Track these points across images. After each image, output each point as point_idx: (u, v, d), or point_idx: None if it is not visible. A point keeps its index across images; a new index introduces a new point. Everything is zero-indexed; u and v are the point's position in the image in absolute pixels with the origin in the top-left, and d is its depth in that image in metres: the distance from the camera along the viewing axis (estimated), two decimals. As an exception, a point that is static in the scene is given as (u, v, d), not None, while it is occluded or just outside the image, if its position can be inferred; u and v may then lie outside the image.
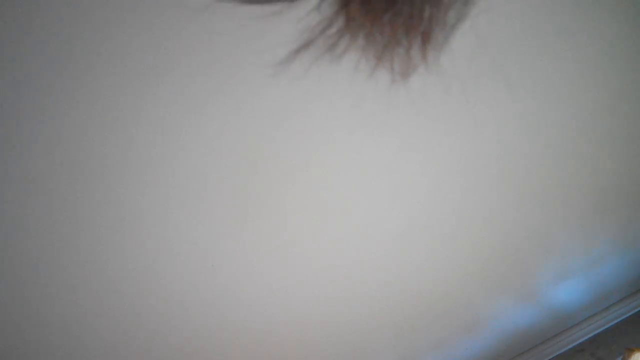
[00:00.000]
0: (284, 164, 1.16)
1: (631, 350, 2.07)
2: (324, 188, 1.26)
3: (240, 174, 1.13)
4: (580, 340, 2.69)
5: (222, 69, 0.94)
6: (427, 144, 1.30)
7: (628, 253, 2.36)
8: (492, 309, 2.14)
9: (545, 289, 2.23)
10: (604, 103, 1.50)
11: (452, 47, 1.12)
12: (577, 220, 1.92)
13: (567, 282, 2.27)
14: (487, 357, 2.49)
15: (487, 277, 1.93)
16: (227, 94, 0.99)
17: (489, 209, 1.62)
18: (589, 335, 2.70)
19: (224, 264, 1.30)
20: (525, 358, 2.63)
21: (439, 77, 1.16)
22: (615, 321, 2.74)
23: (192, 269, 1.26)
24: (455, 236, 1.65)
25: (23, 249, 1.04)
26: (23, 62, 0.80)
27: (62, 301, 1.17)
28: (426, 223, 1.53)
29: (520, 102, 1.34)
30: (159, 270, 1.22)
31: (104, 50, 0.84)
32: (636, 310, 2.77)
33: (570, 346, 2.68)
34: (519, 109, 1.36)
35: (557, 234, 1.92)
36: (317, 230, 1.35)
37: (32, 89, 0.84)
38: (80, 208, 1.03)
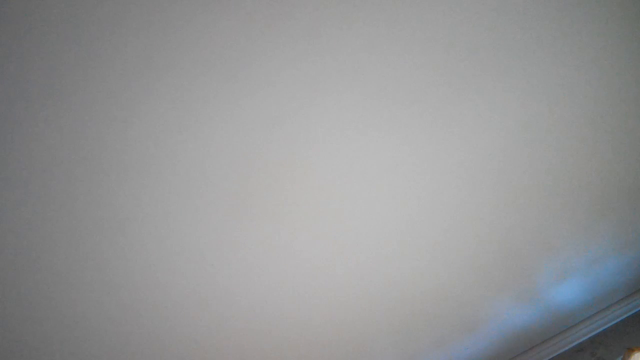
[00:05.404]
0: (283, 164, 1.16)
1: (631, 350, 2.07)
2: (324, 188, 1.26)
3: (240, 173, 1.13)
4: (580, 340, 2.69)
5: (221, 69, 0.94)
6: (426, 144, 1.30)
7: (628, 253, 2.36)
8: (492, 309, 2.14)
9: (545, 289, 2.23)
10: (604, 103, 1.50)
11: (453, 46, 1.13)
12: (577, 220, 1.92)
13: (567, 282, 2.27)
14: (487, 357, 2.49)
15: (487, 277, 1.93)
16: (226, 94, 0.99)
17: (489, 209, 1.62)
18: (589, 335, 2.70)
19: (224, 264, 1.30)
20: (525, 358, 2.63)
21: (440, 77, 1.17)
22: (615, 321, 2.74)
23: (192, 269, 1.26)
24: (455, 236, 1.65)
25: (23, 248, 1.04)
26: (22, 63, 0.80)
27: (62, 301, 1.17)
28: (426, 223, 1.53)
29: (520, 102, 1.34)
30: (159, 270, 1.22)
31: (103, 49, 0.84)
32: (636, 310, 2.77)
33: (570, 346, 2.68)
34: (519, 109, 1.36)
35: (557, 234, 1.92)
36: (316, 230, 1.35)
37: (32, 89, 0.84)
38: (80, 208, 1.03)
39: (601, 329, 2.72)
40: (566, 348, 2.67)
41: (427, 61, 1.12)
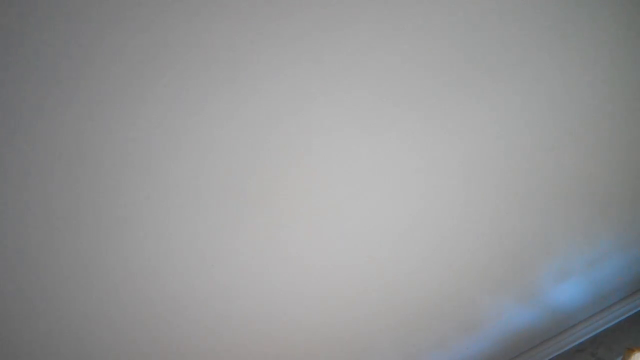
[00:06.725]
0: (282, 164, 1.16)
1: (631, 350, 2.07)
2: (324, 188, 1.26)
3: (240, 173, 1.13)
4: (580, 340, 2.69)
5: (221, 69, 0.94)
6: (426, 145, 1.30)
7: (628, 253, 2.36)
8: (492, 309, 2.14)
9: (545, 289, 2.23)
10: (605, 103, 1.50)
11: (453, 47, 1.13)
12: (578, 220, 1.92)
13: (567, 282, 2.27)
14: (487, 357, 2.49)
15: (487, 277, 1.93)
16: (226, 94, 0.99)
17: (489, 209, 1.62)
18: (589, 335, 2.70)
19: (224, 264, 1.30)
20: (525, 358, 2.63)
21: (440, 77, 1.17)
22: (615, 321, 2.74)
23: (191, 269, 1.26)
24: (455, 236, 1.65)
25: (23, 248, 1.04)
26: (23, 63, 0.80)
27: (62, 301, 1.17)
28: (426, 223, 1.53)
29: (521, 102, 1.34)
30: (158, 270, 1.22)
31: (104, 49, 0.84)
32: (636, 310, 2.77)
33: (570, 346, 2.68)
34: (519, 109, 1.36)
35: (558, 233, 1.92)
36: (316, 231, 1.35)
37: (32, 89, 0.84)
38: (80, 208, 1.03)
39: (601, 329, 2.71)
40: (566, 348, 2.67)
41: (427, 61, 1.12)
